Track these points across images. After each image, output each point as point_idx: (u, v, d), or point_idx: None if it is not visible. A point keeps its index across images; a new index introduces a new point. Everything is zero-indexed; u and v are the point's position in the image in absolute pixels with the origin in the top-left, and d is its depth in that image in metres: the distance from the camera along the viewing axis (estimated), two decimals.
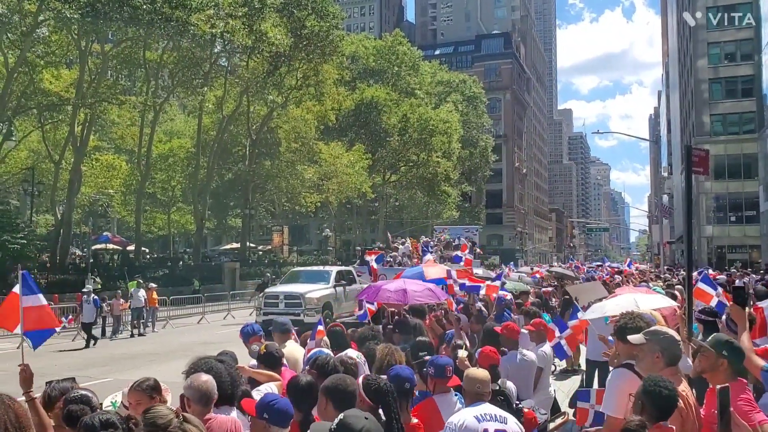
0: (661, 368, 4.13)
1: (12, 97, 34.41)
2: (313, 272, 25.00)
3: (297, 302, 20.97)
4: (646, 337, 4.31)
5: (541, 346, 7.68)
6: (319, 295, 21.42)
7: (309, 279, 23.25)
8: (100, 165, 44.19)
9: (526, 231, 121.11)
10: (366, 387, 4.17)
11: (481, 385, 4.49)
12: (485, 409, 4.28)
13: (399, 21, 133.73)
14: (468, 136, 77.15)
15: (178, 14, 32.21)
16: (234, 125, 47.95)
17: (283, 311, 19.95)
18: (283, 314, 19.68)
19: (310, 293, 21.28)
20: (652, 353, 4.23)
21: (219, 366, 4.60)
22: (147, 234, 55.47)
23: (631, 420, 3.41)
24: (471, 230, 40.65)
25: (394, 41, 69.61)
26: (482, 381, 4.52)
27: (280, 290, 22.40)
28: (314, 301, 20.99)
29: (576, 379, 12.29)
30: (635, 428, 3.39)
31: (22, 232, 30.22)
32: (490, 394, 4.57)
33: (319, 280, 22.89)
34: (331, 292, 22.14)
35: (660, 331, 4.37)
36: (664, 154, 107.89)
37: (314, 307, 20.53)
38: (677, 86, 79.89)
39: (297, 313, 20.09)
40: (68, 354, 18.70)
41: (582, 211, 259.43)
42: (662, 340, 4.24)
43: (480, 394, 4.46)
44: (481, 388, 4.49)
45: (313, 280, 22.96)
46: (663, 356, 4.19)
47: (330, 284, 22.47)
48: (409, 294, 8.86)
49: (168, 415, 2.97)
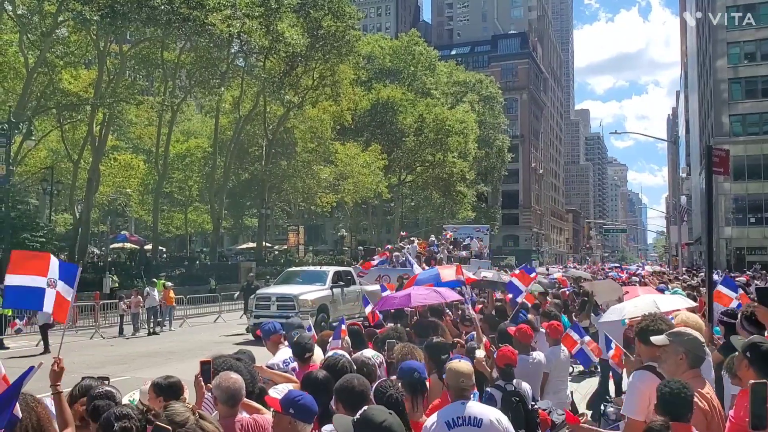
0: (684, 370, 4.07)
1: (32, 97, 34.83)
2: (309, 272, 23.62)
3: (290, 304, 19.67)
4: (670, 338, 4.25)
5: (556, 348, 7.62)
6: (313, 297, 20.15)
7: (305, 280, 22.03)
8: (118, 164, 44.56)
9: (542, 232, 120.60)
10: (377, 393, 4.12)
11: (465, 379, 4.31)
12: (460, 411, 4.10)
13: (415, 21, 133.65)
14: (484, 136, 76.91)
15: (195, 14, 32.44)
16: (251, 125, 48.15)
17: (275, 314, 18.90)
18: (275, 317, 18.97)
19: (304, 295, 20.02)
20: (675, 355, 4.15)
21: (238, 364, 4.62)
22: (164, 233, 55.84)
23: (655, 421, 3.36)
24: (482, 230, 38.42)
25: (410, 41, 69.56)
26: (467, 374, 4.34)
27: (272, 292, 21.20)
28: (308, 303, 19.76)
29: (593, 381, 12.20)
30: (659, 428, 3.33)
31: (41, 231, 30.53)
32: (473, 387, 4.41)
33: (315, 280, 21.60)
34: (327, 293, 20.76)
35: (683, 332, 4.29)
36: (682, 154, 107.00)
37: (308, 310, 19.16)
38: (696, 86, 79.21)
39: (289, 316, 19.19)
40: (88, 351, 18.84)
41: (599, 212, 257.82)
42: (686, 342, 4.16)
43: (464, 389, 4.28)
44: (465, 382, 4.30)
45: (308, 280, 21.77)
46: (687, 358, 4.11)
47: (326, 285, 21.10)
48: (412, 297, 8.86)
49: (185, 413, 2.98)
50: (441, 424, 4.00)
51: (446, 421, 4.02)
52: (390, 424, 3.17)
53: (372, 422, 3.18)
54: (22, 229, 28.67)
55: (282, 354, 6.21)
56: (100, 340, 21.82)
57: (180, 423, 2.91)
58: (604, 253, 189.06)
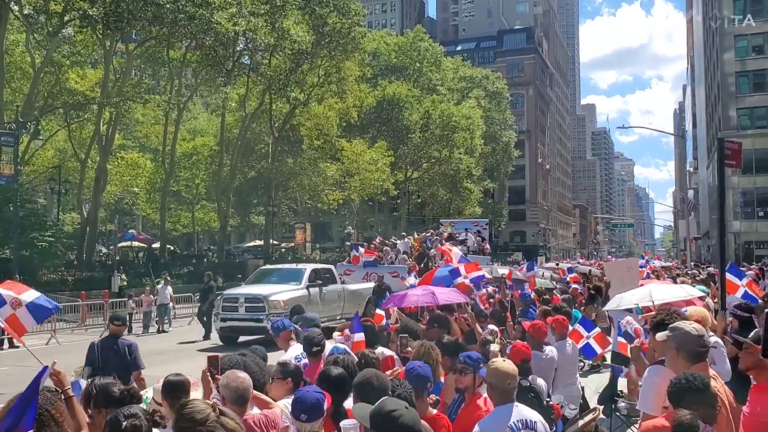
0: (684, 365, 3.96)
1: (39, 96, 34.92)
2: (284, 271, 22.02)
3: (259, 306, 18.30)
4: (668, 333, 4.18)
5: (562, 343, 7.60)
6: (286, 298, 18.65)
7: (278, 278, 20.53)
8: (125, 163, 44.65)
9: (549, 227, 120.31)
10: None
11: (512, 380, 4.18)
12: (517, 414, 4.05)
13: (420, 17, 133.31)
14: (490, 132, 76.77)
15: (201, 13, 32.46)
16: (257, 123, 48.17)
17: (244, 316, 18.30)
18: (244, 320, 18.38)
19: (275, 295, 18.55)
20: (669, 350, 4.10)
21: (246, 360, 4.62)
22: (172, 231, 55.95)
23: (684, 414, 3.31)
24: (480, 224, 36.16)
25: (416, 37, 69.45)
26: (513, 376, 4.20)
27: (240, 292, 19.64)
28: (280, 304, 18.27)
29: (603, 375, 12.17)
30: (689, 422, 3.28)
31: (49, 230, 30.66)
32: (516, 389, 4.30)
33: (290, 279, 20.10)
34: (302, 293, 19.26)
35: (677, 327, 4.17)
36: (689, 148, 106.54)
37: (280, 312, 17.68)
38: (703, 80, 78.81)
39: (259, 319, 17.95)
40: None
41: (606, 207, 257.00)
42: (677, 337, 4.06)
43: (510, 392, 4.16)
44: (512, 383, 4.18)
45: (283, 279, 20.31)
46: (680, 353, 4.01)
47: (302, 285, 19.57)
48: (437, 296, 8.77)
49: (205, 409, 2.96)
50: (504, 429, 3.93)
51: (510, 426, 3.94)
52: (402, 415, 3.18)
53: (387, 413, 3.20)
54: (30, 228, 28.78)
55: (293, 350, 6.21)
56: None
57: (200, 420, 2.89)
58: (612, 248, 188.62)
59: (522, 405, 4.21)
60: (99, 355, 7.54)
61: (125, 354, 7.59)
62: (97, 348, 7.64)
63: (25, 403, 3.02)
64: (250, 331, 18.45)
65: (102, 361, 7.43)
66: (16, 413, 2.98)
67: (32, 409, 3.02)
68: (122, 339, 7.93)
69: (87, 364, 7.47)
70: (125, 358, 7.57)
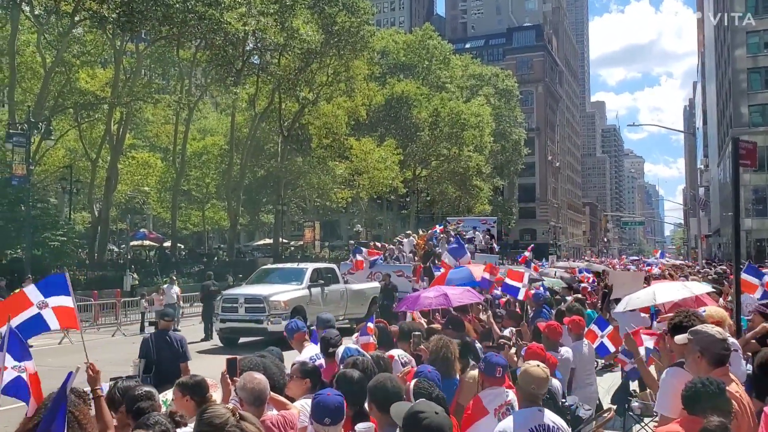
0: (706, 369, 3.95)
1: (49, 96, 35.09)
2: (285, 270, 21.55)
3: (259, 306, 17.88)
4: (689, 336, 4.16)
5: (579, 343, 7.58)
6: (287, 298, 18.18)
7: (279, 278, 20.11)
8: (136, 163, 44.84)
9: (559, 225, 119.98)
10: (417, 395, 4.13)
11: (536, 385, 4.16)
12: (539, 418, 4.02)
13: (429, 15, 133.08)
14: (500, 130, 76.59)
15: (211, 12, 32.50)
16: (266, 122, 48.26)
17: (244, 317, 17.92)
18: (244, 321, 18.06)
19: (276, 296, 18.10)
20: (693, 354, 4.07)
21: (264, 361, 4.65)
22: (182, 230, 56.17)
23: (711, 420, 3.29)
24: (488, 222, 35.26)
25: (425, 35, 69.29)
26: (539, 381, 4.18)
27: (240, 292, 19.28)
28: (281, 305, 17.86)
29: (615, 375, 12.15)
30: (714, 428, 3.26)
31: (61, 229, 30.82)
32: (544, 396, 4.31)
33: (291, 279, 19.68)
34: (303, 294, 18.82)
35: (700, 330, 4.17)
36: (699, 146, 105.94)
37: (281, 313, 17.52)
38: (714, 76, 78.36)
39: (260, 320, 17.67)
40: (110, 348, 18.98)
41: (616, 205, 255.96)
42: (701, 340, 4.05)
43: (535, 396, 4.17)
44: (536, 389, 4.17)
45: (284, 279, 19.88)
46: (704, 357, 4.00)
47: (303, 284, 19.12)
48: (451, 297, 8.73)
49: (225, 414, 2.99)
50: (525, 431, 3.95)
51: (530, 429, 3.95)
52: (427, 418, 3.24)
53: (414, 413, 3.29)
54: (42, 228, 28.97)
55: (308, 351, 6.23)
56: (122, 338, 21.98)
57: (220, 425, 2.92)
58: (622, 246, 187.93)
59: (548, 411, 4.20)
60: (153, 348, 8.24)
61: (177, 346, 8.30)
62: (151, 342, 8.36)
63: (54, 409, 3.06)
64: (250, 333, 18.25)
65: (156, 353, 8.17)
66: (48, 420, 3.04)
67: (61, 414, 3.06)
68: (172, 332, 8.71)
69: (141, 357, 8.22)
70: (177, 350, 8.26)
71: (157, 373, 7.87)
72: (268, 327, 17.51)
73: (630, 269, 27.12)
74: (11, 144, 27.05)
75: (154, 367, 7.99)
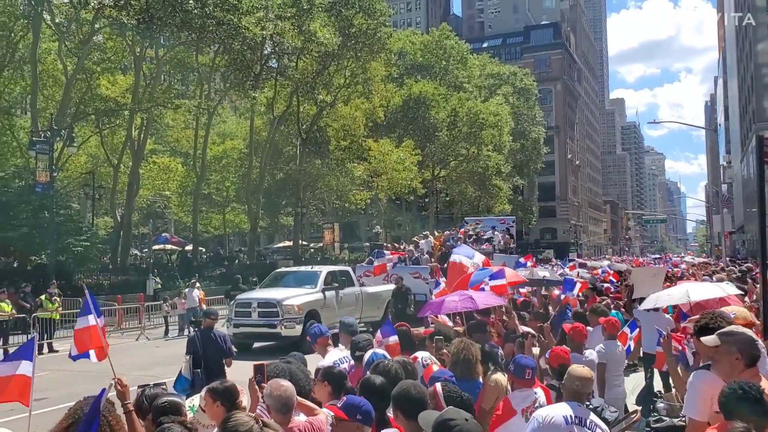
0: (741, 371, 3.91)
1: (71, 103, 35.51)
2: (299, 273, 21.19)
3: (273, 311, 17.60)
4: (722, 338, 4.11)
5: (612, 342, 7.53)
6: (301, 302, 17.86)
7: (293, 282, 19.82)
8: (157, 168, 45.24)
9: (580, 224, 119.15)
10: (447, 399, 4.14)
11: (580, 383, 4.49)
12: (579, 412, 4.23)
13: (445, 15, 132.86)
14: (519, 129, 76.25)
15: (229, 18, 32.73)
16: (284, 125, 48.44)
17: (257, 322, 17.67)
18: (258, 325, 17.82)
19: (289, 300, 17.83)
20: (730, 355, 4.00)
21: (291, 367, 4.67)
22: (203, 234, 56.54)
23: (736, 426, 3.25)
24: (507, 221, 34.47)
25: (441, 35, 69.16)
26: (582, 379, 4.52)
27: (253, 296, 19.01)
28: (294, 309, 17.58)
29: (639, 375, 12.04)
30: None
31: (84, 235, 31.15)
32: (589, 394, 4.65)
33: (305, 282, 19.33)
34: (318, 297, 18.50)
35: (736, 331, 4.13)
36: (722, 142, 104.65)
37: (295, 317, 17.35)
38: (735, 71, 77.33)
39: (273, 324, 17.44)
40: (135, 352, 19.16)
41: (637, 203, 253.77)
42: (740, 341, 4.01)
43: (578, 393, 4.46)
44: (580, 386, 4.48)
45: (298, 282, 19.54)
46: (743, 358, 3.95)
47: (318, 288, 18.81)
48: (476, 300, 8.69)
49: (248, 422, 3.01)
50: (560, 417, 4.16)
51: (564, 416, 4.17)
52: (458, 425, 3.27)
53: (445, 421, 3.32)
54: (66, 234, 29.30)
55: (332, 356, 6.25)
56: (146, 342, 22.18)
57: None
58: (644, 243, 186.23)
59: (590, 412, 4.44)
60: (200, 345, 8.97)
61: (221, 343, 9.09)
62: (198, 339, 9.11)
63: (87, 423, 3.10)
64: (263, 338, 18.04)
65: (202, 349, 8.89)
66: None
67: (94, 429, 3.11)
68: (216, 330, 9.37)
69: (188, 353, 8.96)
70: (221, 347, 9.06)
71: (204, 368, 8.57)
72: (281, 332, 17.32)
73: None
74: (34, 151, 27.37)
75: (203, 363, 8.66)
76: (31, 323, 20.74)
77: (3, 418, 10.03)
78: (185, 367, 8.69)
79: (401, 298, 18.80)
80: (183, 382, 8.61)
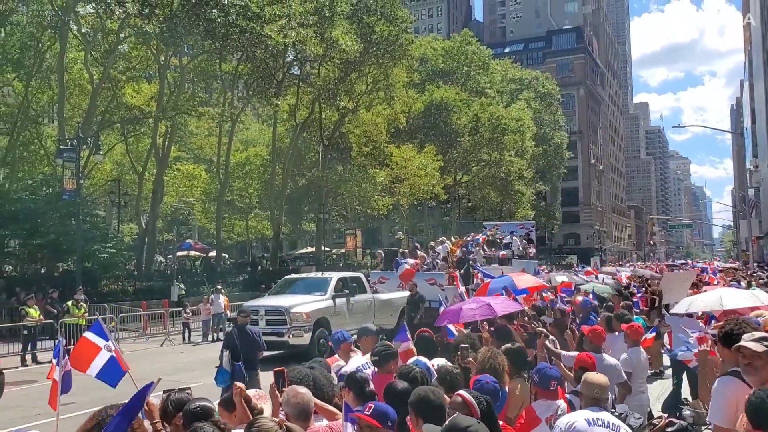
0: None
1: (97, 112, 36.03)
2: (309, 280, 20.71)
3: (281, 318, 17.21)
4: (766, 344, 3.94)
5: (635, 349, 7.47)
6: (309, 310, 17.44)
7: (303, 289, 19.30)
8: (181, 175, 45.68)
9: (604, 229, 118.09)
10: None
11: (599, 390, 4.54)
12: (599, 415, 4.30)
13: (467, 20, 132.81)
14: (542, 134, 75.87)
15: (252, 26, 33.02)
16: (307, 132, 48.68)
17: (265, 330, 16.47)
18: (265, 334, 16.65)
19: (297, 307, 17.41)
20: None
21: (314, 373, 4.69)
22: (226, 240, 56.93)
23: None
24: (526, 226, 33.89)
25: (463, 41, 69.08)
26: (600, 386, 4.57)
27: (261, 304, 18.52)
28: (303, 316, 17.18)
29: (663, 382, 11.92)
30: None
31: (110, 242, 31.53)
32: (608, 400, 4.65)
33: (315, 289, 18.83)
34: (327, 305, 18.03)
35: None
36: (748, 145, 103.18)
37: (303, 325, 17.01)
38: (762, 73, 76.30)
39: (281, 332, 17.01)
40: (159, 358, 19.33)
41: (662, 208, 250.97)
42: None
43: (597, 399, 4.50)
44: (599, 393, 4.54)
45: (307, 289, 19.03)
46: None
47: (328, 295, 18.33)
48: (495, 307, 8.64)
49: (272, 427, 3.04)
50: (582, 421, 4.25)
51: (586, 419, 4.26)
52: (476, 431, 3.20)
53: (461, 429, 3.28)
54: (92, 240, 29.66)
55: (354, 361, 6.26)
56: (170, 347, 22.37)
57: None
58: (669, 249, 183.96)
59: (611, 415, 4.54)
60: (237, 340, 10.10)
61: (255, 338, 10.44)
62: (235, 335, 10.28)
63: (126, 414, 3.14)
64: (271, 346, 17.26)
65: (240, 343, 10.05)
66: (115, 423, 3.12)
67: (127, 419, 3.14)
68: (249, 326, 10.67)
69: (225, 347, 10.10)
70: (255, 341, 10.37)
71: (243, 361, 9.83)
72: (289, 340, 16.96)
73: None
74: (62, 159, 27.83)
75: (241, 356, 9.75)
76: (58, 329, 21.02)
77: (31, 422, 10.21)
78: (225, 361, 9.76)
79: (414, 306, 18.36)
80: (224, 374, 9.71)
